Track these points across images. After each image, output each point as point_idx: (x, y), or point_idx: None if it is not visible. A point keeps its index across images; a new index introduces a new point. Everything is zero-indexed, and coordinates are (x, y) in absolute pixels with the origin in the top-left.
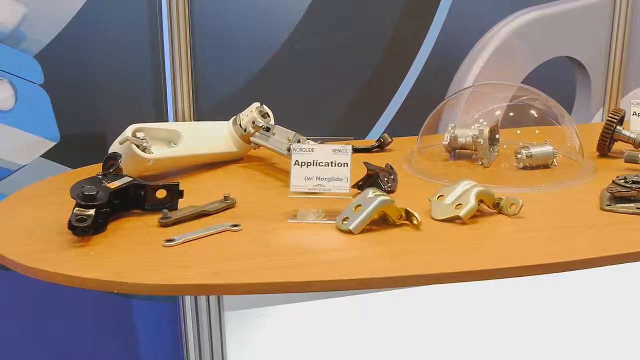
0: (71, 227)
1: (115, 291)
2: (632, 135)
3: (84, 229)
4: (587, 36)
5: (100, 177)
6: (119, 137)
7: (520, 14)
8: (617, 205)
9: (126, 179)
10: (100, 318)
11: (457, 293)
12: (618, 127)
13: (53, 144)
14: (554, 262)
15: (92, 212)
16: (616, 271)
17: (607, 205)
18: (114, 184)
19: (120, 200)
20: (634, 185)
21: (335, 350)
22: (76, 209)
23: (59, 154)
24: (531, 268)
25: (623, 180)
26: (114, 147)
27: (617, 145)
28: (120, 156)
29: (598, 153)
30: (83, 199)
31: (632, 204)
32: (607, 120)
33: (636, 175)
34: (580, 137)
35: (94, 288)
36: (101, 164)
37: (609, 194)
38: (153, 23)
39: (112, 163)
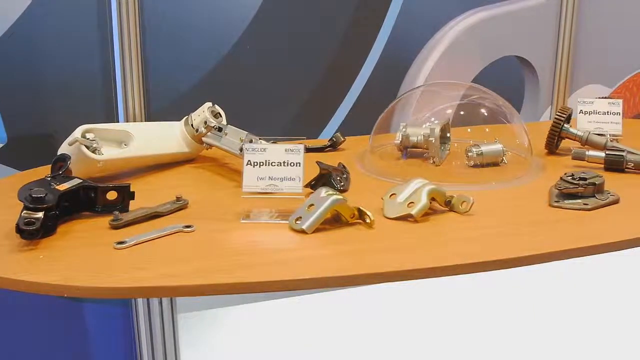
0: (19, 230)
1: (66, 295)
2: (579, 133)
3: (32, 232)
4: (535, 36)
5: (49, 179)
6: (68, 138)
7: (470, 14)
8: (565, 201)
9: (76, 181)
10: (51, 322)
11: (414, 290)
12: (565, 125)
13: (0, 145)
14: (504, 258)
15: (40, 214)
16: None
17: (556, 201)
18: (64, 186)
19: (70, 203)
20: (580, 182)
21: (291, 350)
22: (24, 212)
23: (6, 156)
24: (482, 265)
25: (570, 177)
26: (63, 149)
27: (565, 143)
28: (70, 158)
29: (546, 151)
30: (31, 202)
31: (579, 200)
32: (555, 118)
33: (583, 172)
34: (529, 135)
35: (44, 292)
36: (50, 165)
37: (557, 190)
38: (102, 21)
39: (61, 165)
